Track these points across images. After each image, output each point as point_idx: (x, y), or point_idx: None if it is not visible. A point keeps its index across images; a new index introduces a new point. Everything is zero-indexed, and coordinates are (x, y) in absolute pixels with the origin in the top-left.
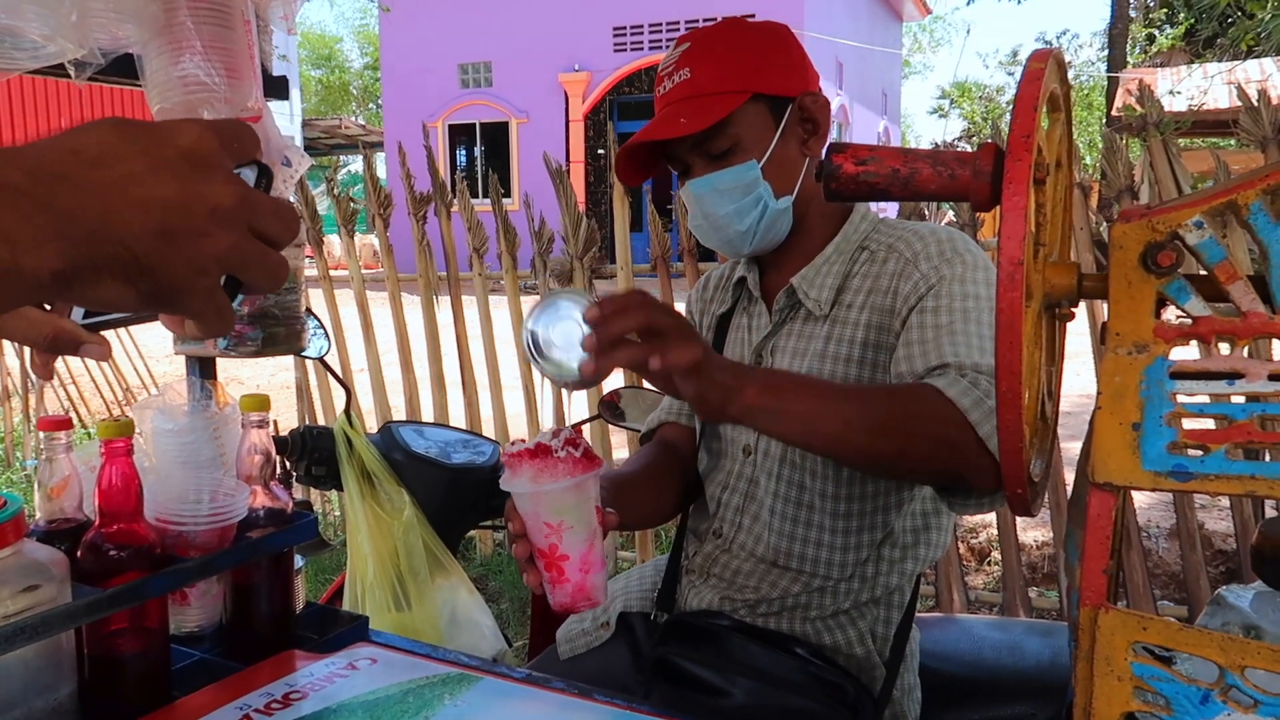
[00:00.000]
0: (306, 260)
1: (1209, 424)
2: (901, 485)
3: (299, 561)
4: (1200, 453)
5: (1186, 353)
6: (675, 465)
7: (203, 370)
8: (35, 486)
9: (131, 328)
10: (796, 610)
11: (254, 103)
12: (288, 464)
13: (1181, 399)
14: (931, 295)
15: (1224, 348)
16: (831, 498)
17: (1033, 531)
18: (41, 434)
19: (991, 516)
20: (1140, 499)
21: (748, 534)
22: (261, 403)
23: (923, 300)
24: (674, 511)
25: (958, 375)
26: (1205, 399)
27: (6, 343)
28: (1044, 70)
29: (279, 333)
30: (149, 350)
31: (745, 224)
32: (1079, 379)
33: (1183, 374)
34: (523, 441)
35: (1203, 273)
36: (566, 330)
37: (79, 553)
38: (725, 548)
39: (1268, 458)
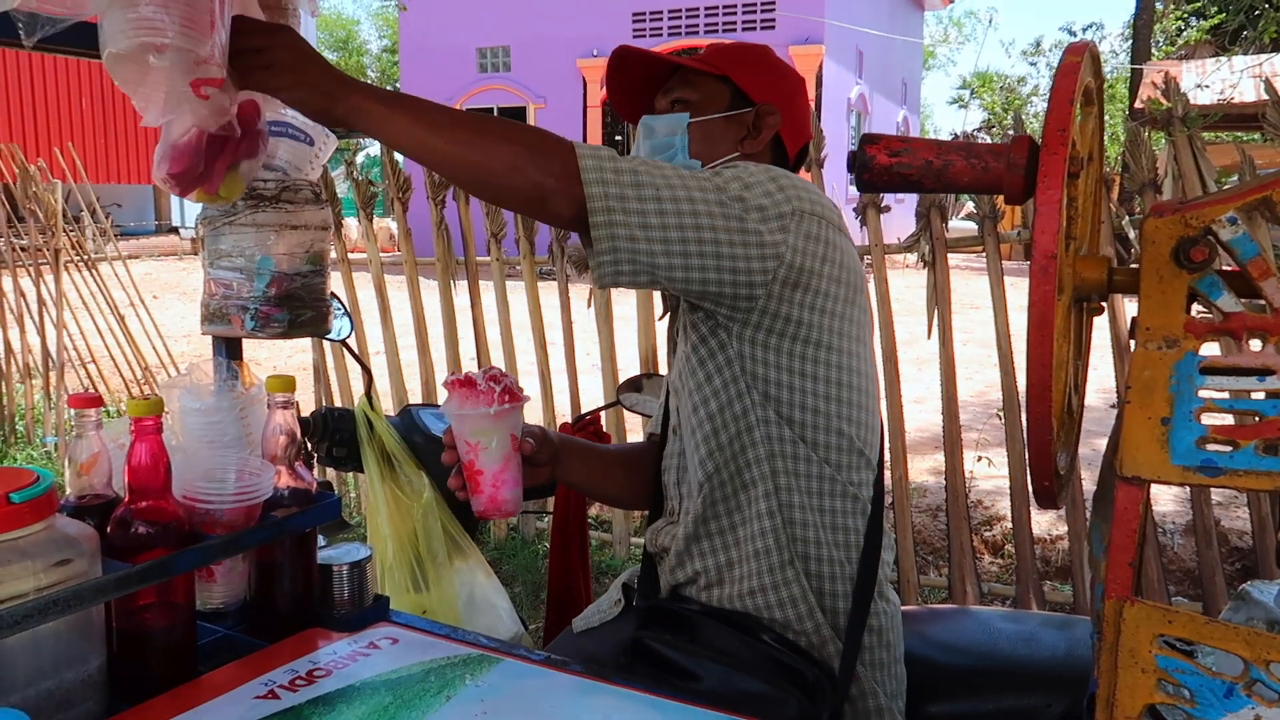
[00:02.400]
0: None
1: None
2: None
3: (321, 542)
4: (1228, 448)
5: (1213, 348)
6: (650, 461)
7: (229, 351)
8: (65, 463)
9: (150, 308)
10: (723, 579)
11: (207, 52)
12: (309, 445)
13: (1210, 394)
14: None
15: (1254, 344)
16: (696, 483)
17: (1047, 525)
18: (72, 411)
19: (1006, 508)
20: (1156, 494)
21: (682, 510)
22: (287, 384)
23: None
24: (633, 499)
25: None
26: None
27: (28, 320)
28: (1080, 64)
29: (305, 315)
30: (168, 330)
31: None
32: (1094, 372)
33: (1213, 369)
34: (460, 373)
35: (1233, 268)
36: None
37: (108, 528)
38: (672, 521)
39: None
